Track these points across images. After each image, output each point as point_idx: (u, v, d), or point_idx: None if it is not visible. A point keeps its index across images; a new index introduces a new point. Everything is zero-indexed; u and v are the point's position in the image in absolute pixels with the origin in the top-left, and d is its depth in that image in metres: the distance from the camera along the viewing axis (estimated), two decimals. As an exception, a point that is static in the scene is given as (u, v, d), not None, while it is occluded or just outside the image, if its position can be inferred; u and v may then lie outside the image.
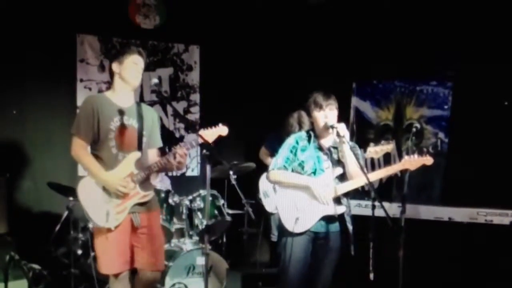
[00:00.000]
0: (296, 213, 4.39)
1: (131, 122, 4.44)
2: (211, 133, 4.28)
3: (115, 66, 4.40)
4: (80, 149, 4.28)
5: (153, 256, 4.47)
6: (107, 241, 4.25)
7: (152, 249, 4.47)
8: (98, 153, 4.32)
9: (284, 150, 4.56)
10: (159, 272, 4.57)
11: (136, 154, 4.43)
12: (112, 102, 4.39)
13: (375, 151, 4.79)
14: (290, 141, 4.58)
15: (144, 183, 4.41)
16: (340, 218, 4.51)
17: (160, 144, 4.64)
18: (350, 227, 4.52)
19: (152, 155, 4.60)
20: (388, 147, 4.82)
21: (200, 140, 4.21)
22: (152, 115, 4.63)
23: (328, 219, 4.46)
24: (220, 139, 4.29)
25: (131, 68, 4.38)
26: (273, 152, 6.32)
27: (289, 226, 4.39)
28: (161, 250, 4.64)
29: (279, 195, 4.60)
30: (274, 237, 6.66)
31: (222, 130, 4.31)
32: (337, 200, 4.45)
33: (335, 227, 4.51)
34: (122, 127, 4.39)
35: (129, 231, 4.35)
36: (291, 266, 4.40)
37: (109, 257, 4.30)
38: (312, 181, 4.40)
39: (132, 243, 4.39)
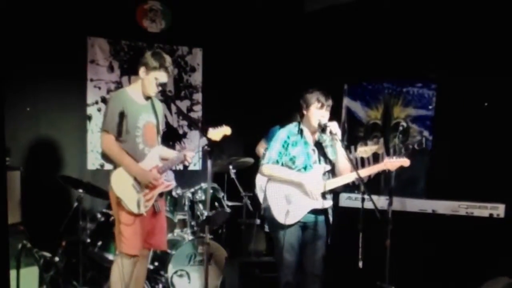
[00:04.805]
0: (286, 206, 4.38)
1: (151, 118, 4.59)
2: (217, 133, 4.35)
3: (141, 71, 4.47)
4: (112, 143, 4.40)
5: (165, 236, 4.86)
6: (135, 225, 4.41)
7: (165, 230, 4.81)
8: (125, 147, 4.43)
9: (277, 144, 4.51)
10: None
11: (159, 148, 4.64)
12: (135, 101, 4.51)
13: (365, 150, 4.79)
14: (282, 135, 4.53)
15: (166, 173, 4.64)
16: (324, 210, 4.56)
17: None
18: (331, 219, 4.59)
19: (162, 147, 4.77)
20: (376, 146, 4.81)
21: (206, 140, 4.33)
22: (161, 109, 4.79)
23: (315, 211, 4.50)
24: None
25: (152, 82, 4.46)
26: None
27: (281, 219, 4.41)
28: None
29: (270, 189, 4.57)
30: (266, 228, 6.62)
31: (226, 130, 4.38)
32: (324, 195, 4.48)
33: (321, 217, 4.56)
34: (147, 124, 4.55)
35: (151, 217, 4.55)
36: (286, 254, 4.45)
37: (136, 239, 4.44)
38: (304, 178, 4.39)
39: (149, 228, 4.58)
